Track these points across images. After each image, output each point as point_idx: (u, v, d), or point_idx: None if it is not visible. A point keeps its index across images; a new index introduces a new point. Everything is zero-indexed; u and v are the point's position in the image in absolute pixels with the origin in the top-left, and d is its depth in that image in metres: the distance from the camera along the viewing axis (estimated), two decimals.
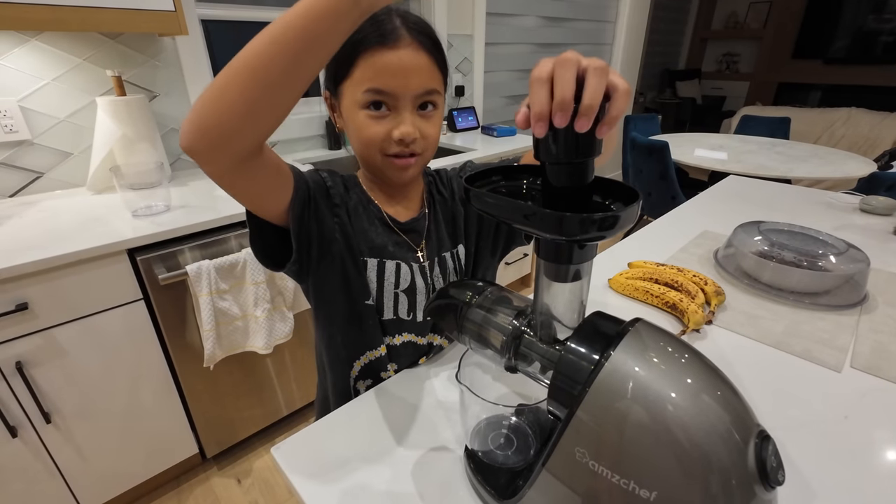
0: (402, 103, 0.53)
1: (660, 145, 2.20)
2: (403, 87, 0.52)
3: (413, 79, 0.52)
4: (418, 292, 0.64)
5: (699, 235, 1.06)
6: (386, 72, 0.51)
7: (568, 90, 0.28)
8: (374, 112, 0.53)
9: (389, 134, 0.54)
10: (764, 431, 0.30)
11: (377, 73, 0.51)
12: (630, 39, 3.38)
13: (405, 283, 0.63)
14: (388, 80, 0.51)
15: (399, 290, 0.63)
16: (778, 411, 0.55)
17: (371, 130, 0.54)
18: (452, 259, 0.67)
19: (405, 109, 0.53)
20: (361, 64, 0.51)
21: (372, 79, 0.51)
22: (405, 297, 0.64)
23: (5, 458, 1.00)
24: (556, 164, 0.32)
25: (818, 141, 3.85)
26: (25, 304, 0.92)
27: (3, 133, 1.22)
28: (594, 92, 0.28)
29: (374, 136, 0.54)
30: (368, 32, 0.50)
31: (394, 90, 0.52)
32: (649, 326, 0.34)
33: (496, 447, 0.46)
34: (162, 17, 1.16)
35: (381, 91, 0.52)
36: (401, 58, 0.51)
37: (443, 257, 0.66)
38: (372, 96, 0.52)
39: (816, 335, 0.68)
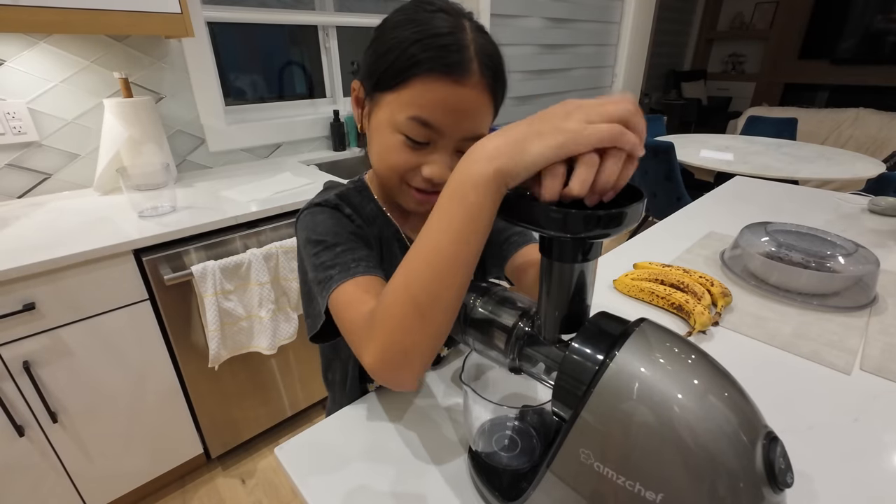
0: (445, 142, 0.47)
1: (665, 146, 2.19)
2: (455, 127, 0.46)
3: (467, 122, 0.46)
4: None
5: (705, 236, 1.05)
6: (441, 106, 0.45)
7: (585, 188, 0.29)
8: (412, 143, 0.47)
9: (419, 168, 0.48)
10: (772, 433, 0.30)
11: (430, 104, 0.45)
12: (635, 40, 3.37)
13: None
14: (441, 116, 0.45)
15: None
16: (786, 414, 0.54)
17: (400, 158, 0.48)
18: None
19: (445, 149, 0.48)
20: (416, 85, 0.44)
21: (423, 107, 0.45)
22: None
23: (12, 457, 1.00)
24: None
25: (825, 142, 3.81)
26: (33, 303, 0.93)
27: (11, 135, 1.23)
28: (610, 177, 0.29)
29: (402, 164, 0.49)
30: (438, 53, 0.43)
31: (443, 128, 0.46)
32: (655, 326, 0.34)
33: (500, 449, 0.46)
34: (168, 19, 1.17)
35: (429, 125, 0.45)
36: (463, 97, 0.44)
37: None
38: (416, 126, 0.46)
39: (825, 337, 0.68)
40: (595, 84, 3.33)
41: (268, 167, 1.63)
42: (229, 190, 1.35)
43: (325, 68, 1.93)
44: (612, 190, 0.31)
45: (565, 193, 0.30)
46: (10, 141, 1.23)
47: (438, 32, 0.43)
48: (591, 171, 0.29)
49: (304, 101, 1.90)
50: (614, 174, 0.29)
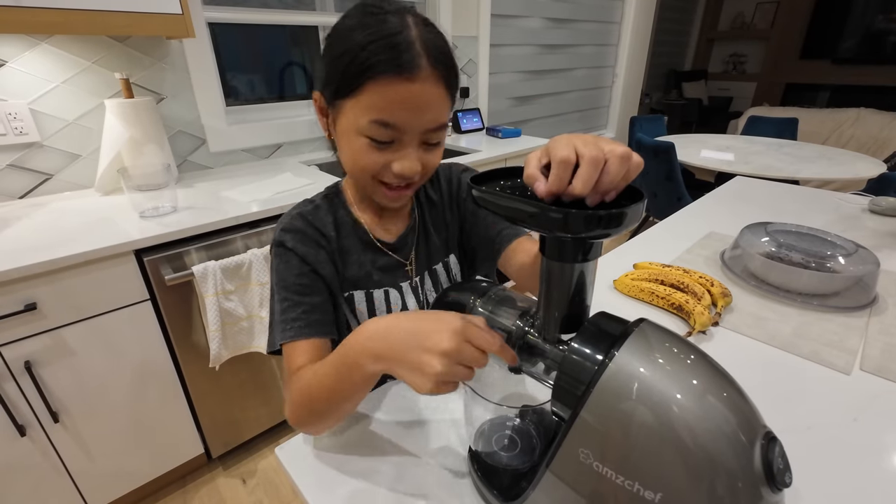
0: (409, 137, 0.49)
1: (666, 146, 2.19)
2: (414, 122, 0.48)
3: (425, 115, 0.48)
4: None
5: (705, 237, 1.05)
6: (398, 105, 0.46)
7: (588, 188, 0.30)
8: (377, 144, 0.49)
9: (389, 165, 0.51)
10: (770, 433, 0.30)
11: (388, 105, 0.46)
12: (636, 40, 3.37)
13: (397, 308, 0.62)
14: (399, 113, 0.47)
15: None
16: (786, 414, 0.54)
17: (369, 159, 0.50)
18: (445, 269, 0.66)
19: (411, 143, 0.50)
20: (371, 89, 0.46)
21: (381, 110, 0.47)
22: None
23: (14, 457, 1.01)
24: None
25: (826, 142, 3.81)
26: (34, 304, 0.93)
27: (13, 135, 1.23)
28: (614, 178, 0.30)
29: (372, 164, 0.51)
30: (385, 54, 0.44)
31: (403, 124, 0.48)
32: (654, 327, 0.34)
33: (500, 448, 0.46)
34: (169, 20, 1.17)
35: (390, 124, 0.47)
36: (416, 92, 0.46)
37: (434, 270, 0.65)
38: (377, 128, 0.48)
39: (825, 337, 0.68)
40: (596, 84, 3.33)
41: (269, 167, 1.63)
42: (230, 190, 1.35)
43: None
44: (613, 190, 0.31)
45: (568, 192, 0.30)
46: (12, 141, 1.24)
47: (385, 34, 0.45)
48: (594, 171, 0.29)
49: (304, 101, 1.90)
50: (618, 176, 0.30)
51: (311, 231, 0.58)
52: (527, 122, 2.89)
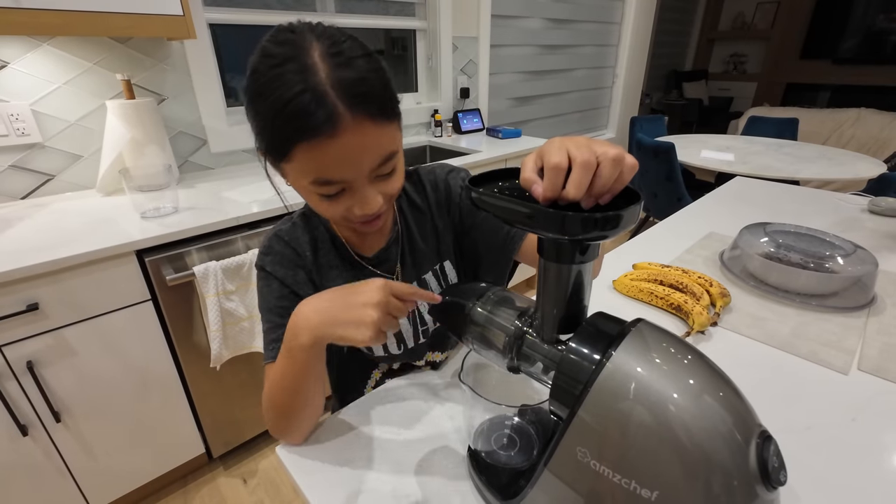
0: (359, 183, 0.47)
1: (666, 146, 2.19)
2: (355, 171, 0.45)
3: (364, 160, 0.45)
4: (401, 323, 0.62)
5: (705, 237, 1.05)
6: (331, 163, 0.44)
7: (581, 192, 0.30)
8: (329, 198, 0.47)
9: (351, 210, 0.49)
10: (766, 432, 0.30)
11: (321, 166, 0.44)
12: (636, 41, 3.37)
13: None
14: (336, 170, 0.44)
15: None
16: (784, 414, 0.54)
17: (330, 210, 0.49)
18: (436, 277, 0.65)
19: (363, 186, 0.47)
20: (300, 155, 0.43)
21: (316, 170, 0.44)
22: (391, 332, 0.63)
23: (16, 457, 1.01)
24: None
25: (827, 142, 3.81)
26: (36, 304, 0.94)
27: (15, 136, 1.24)
28: (607, 181, 0.30)
29: (333, 213, 0.49)
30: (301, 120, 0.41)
31: (344, 178, 0.45)
32: (651, 327, 0.34)
33: (499, 447, 0.47)
34: (170, 21, 1.18)
35: (331, 182, 0.45)
36: (345, 145, 0.43)
37: (423, 280, 0.64)
38: (321, 186, 0.46)
39: (823, 337, 0.68)
40: (596, 84, 3.34)
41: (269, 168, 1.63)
42: (231, 191, 1.36)
43: None
44: (608, 193, 0.31)
45: (562, 196, 0.31)
46: (14, 142, 1.24)
47: (291, 96, 0.40)
48: (587, 175, 0.30)
49: None
50: (610, 178, 0.30)
51: (289, 252, 0.58)
52: (527, 123, 2.89)
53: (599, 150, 0.30)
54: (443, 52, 2.18)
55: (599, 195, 0.31)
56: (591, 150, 0.30)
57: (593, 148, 0.30)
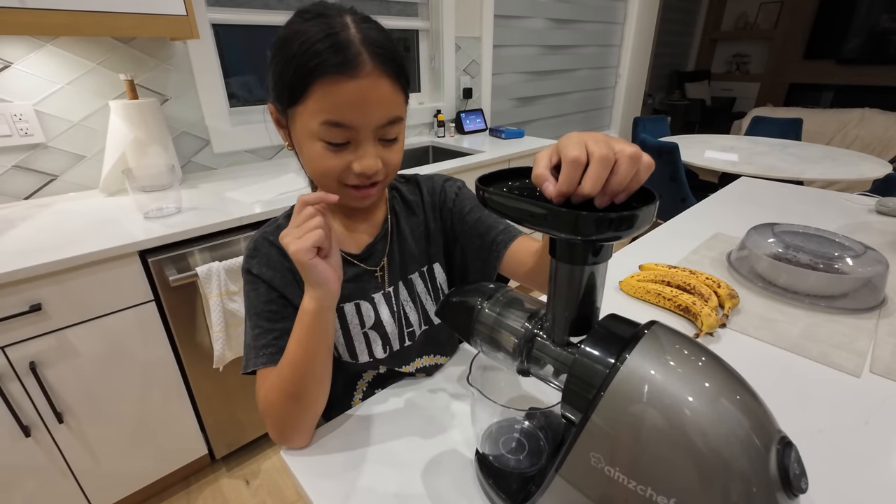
0: (364, 135, 0.49)
1: (669, 147, 2.18)
2: (365, 119, 0.48)
3: (375, 110, 0.48)
4: (386, 324, 0.61)
5: (711, 238, 1.04)
6: (345, 104, 0.46)
7: (598, 187, 0.29)
8: (332, 147, 0.49)
9: (349, 166, 0.50)
10: (786, 437, 0.29)
11: (335, 105, 0.46)
12: (639, 41, 3.36)
13: (370, 321, 0.61)
14: (348, 112, 0.47)
15: (367, 329, 0.61)
16: (794, 417, 0.54)
17: (329, 163, 0.50)
18: (423, 279, 0.63)
19: (367, 141, 0.49)
20: (317, 92, 0.46)
21: (329, 111, 0.46)
22: (375, 333, 0.61)
23: (19, 457, 1.01)
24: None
25: (831, 142, 3.79)
26: (39, 304, 0.93)
27: (18, 136, 1.24)
28: (623, 178, 0.30)
29: (333, 168, 0.50)
30: (325, 56, 0.44)
31: (354, 123, 0.48)
32: (666, 329, 0.34)
33: (507, 451, 0.46)
34: (174, 21, 1.18)
35: (341, 124, 0.47)
36: (362, 88, 0.46)
37: (409, 280, 0.63)
38: (330, 129, 0.48)
39: (834, 339, 0.67)
40: (599, 85, 3.33)
41: (272, 168, 1.63)
42: (234, 191, 1.35)
43: None
44: (624, 192, 0.31)
45: (577, 193, 0.30)
46: (17, 143, 1.24)
47: (321, 37, 0.45)
48: (605, 171, 0.29)
49: None
50: (627, 176, 0.30)
51: (275, 253, 0.57)
52: (530, 123, 2.88)
53: (617, 146, 0.29)
54: (445, 52, 2.18)
55: (615, 193, 0.30)
56: (609, 146, 0.29)
57: (611, 144, 0.29)
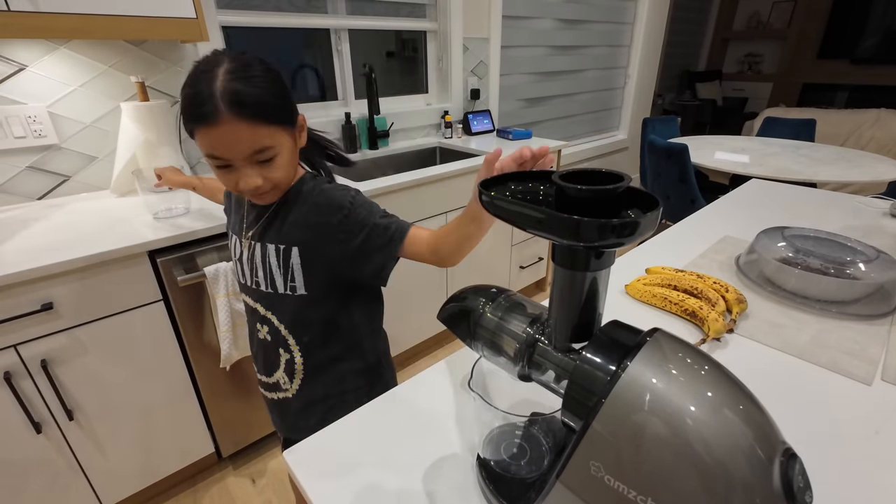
0: (239, 163, 0.61)
1: (679, 148, 2.16)
2: (231, 153, 0.60)
3: (237, 147, 0.60)
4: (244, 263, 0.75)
5: (720, 241, 1.03)
6: (215, 145, 0.59)
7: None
8: (221, 169, 0.63)
9: (237, 184, 0.63)
10: (790, 449, 0.29)
11: (209, 145, 0.60)
12: (648, 41, 3.33)
13: (237, 255, 0.77)
14: (218, 150, 0.60)
15: (235, 259, 0.77)
16: (802, 426, 0.53)
17: (223, 180, 0.65)
18: (277, 254, 0.71)
19: (244, 167, 0.62)
20: (197, 135, 0.60)
21: (206, 147, 0.60)
22: (238, 266, 0.77)
23: (30, 453, 1.03)
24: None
25: (845, 143, 3.72)
26: (51, 303, 0.95)
27: (32, 138, 1.26)
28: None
29: (228, 184, 0.65)
30: (193, 111, 0.58)
31: (225, 157, 0.60)
32: (669, 337, 0.33)
33: (509, 456, 0.46)
34: (184, 24, 1.19)
35: (217, 157, 0.61)
36: (222, 133, 0.58)
37: (266, 245, 0.71)
38: (212, 160, 0.62)
39: (845, 346, 0.66)
40: (608, 85, 3.31)
41: None
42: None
43: (337, 71, 1.94)
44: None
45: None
46: (31, 144, 1.26)
47: (191, 94, 0.58)
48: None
49: (316, 103, 1.91)
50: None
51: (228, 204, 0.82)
52: (538, 124, 2.87)
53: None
54: (453, 53, 2.18)
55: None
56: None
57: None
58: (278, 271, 0.72)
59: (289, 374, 0.79)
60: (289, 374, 0.79)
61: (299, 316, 0.74)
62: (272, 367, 0.80)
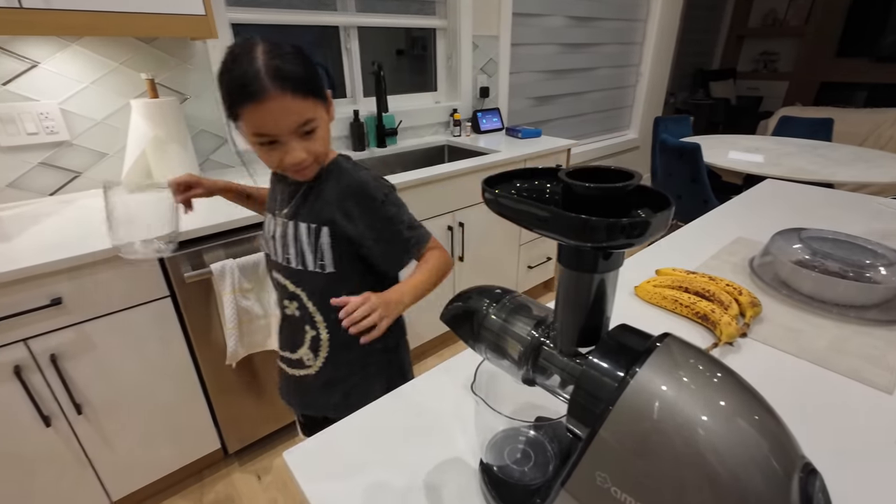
0: (285, 138, 0.64)
1: (691, 147, 2.12)
2: (280, 128, 0.63)
3: (286, 120, 0.63)
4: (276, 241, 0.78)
5: (733, 242, 1.01)
6: (262, 121, 0.62)
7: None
8: (267, 146, 0.65)
9: (282, 161, 0.67)
10: (810, 464, 0.27)
11: (256, 123, 0.63)
12: (661, 39, 3.28)
13: (270, 232, 0.79)
14: (266, 126, 0.63)
15: (268, 237, 0.79)
16: (819, 436, 0.51)
17: (268, 159, 0.68)
18: (309, 232, 0.74)
19: (290, 140, 0.65)
20: (243, 116, 0.63)
21: (254, 126, 0.63)
22: (271, 243, 0.79)
23: (39, 447, 1.04)
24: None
25: (864, 143, 3.63)
26: (60, 298, 0.96)
27: (44, 134, 1.27)
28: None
29: (272, 162, 0.68)
30: (240, 91, 0.60)
31: (273, 133, 0.63)
32: (680, 343, 0.32)
33: (512, 462, 0.45)
34: (193, 21, 1.19)
35: (264, 134, 0.64)
36: (272, 108, 0.61)
37: (297, 224, 0.75)
38: (259, 138, 0.64)
39: (864, 352, 0.63)
40: (619, 84, 3.26)
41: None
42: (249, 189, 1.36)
43: (345, 69, 1.94)
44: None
45: None
46: (43, 140, 1.28)
47: (236, 75, 0.61)
48: None
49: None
50: None
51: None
52: (547, 123, 2.85)
53: None
54: (463, 51, 2.16)
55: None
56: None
57: None
58: (308, 249, 0.75)
59: (313, 351, 0.81)
60: (313, 350, 0.81)
61: (328, 293, 0.75)
62: (297, 344, 0.82)
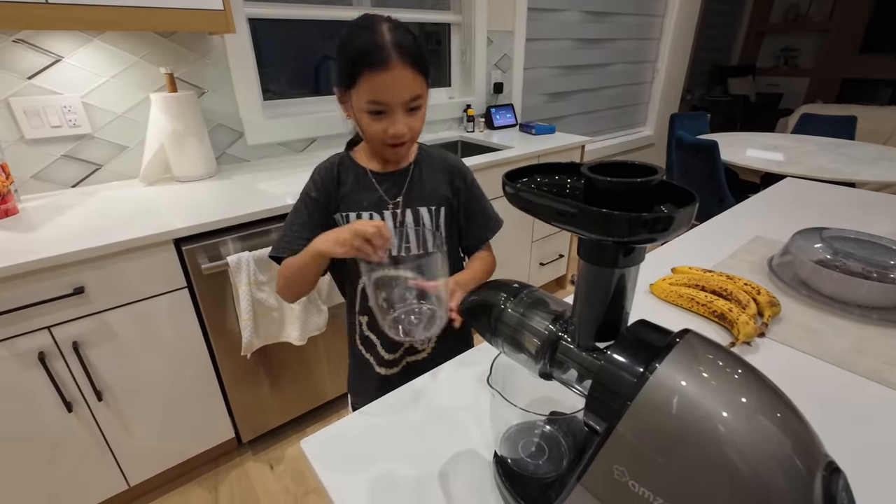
0: (395, 108, 0.68)
1: (708, 144, 2.09)
2: (395, 98, 0.67)
3: (402, 91, 0.67)
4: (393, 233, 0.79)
5: (751, 241, 0.99)
6: (381, 88, 0.66)
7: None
8: (375, 116, 0.69)
9: (386, 131, 0.70)
10: (833, 463, 0.27)
11: (374, 90, 0.66)
12: (679, 34, 3.23)
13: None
14: (383, 94, 0.67)
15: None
16: (840, 439, 0.50)
17: (373, 128, 0.70)
18: (430, 214, 0.79)
19: (397, 112, 0.69)
20: (363, 81, 0.66)
21: (371, 92, 0.66)
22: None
23: (62, 431, 1.07)
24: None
25: (888, 142, 3.54)
26: (82, 287, 0.98)
27: (67, 127, 1.30)
28: None
29: (376, 132, 0.71)
30: (367, 53, 0.64)
31: (388, 101, 0.67)
32: (700, 339, 0.32)
33: (527, 455, 0.45)
34: (212, 16, 1.21)
35: (379, 102, 0.67)
36: (392, 77, 0.65)
37: (417, 210, 0.79)
38: (372, 105, 0.68)
39: (887, 354, 0.62)
40: (635, 80, 3.22)
41: (303, 161, 1.66)
42: (265, 182, 1.38)
43: None
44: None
45: None
46: (66, 133, 1.31)
47: (365, 42, 0.65)
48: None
49: None
50: None
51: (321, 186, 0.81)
52: (561, 119, 2.82)
53: None
54: (477, 46, 2.15)
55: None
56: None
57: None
58: (430, 231, 0.80)
59: None
60: None
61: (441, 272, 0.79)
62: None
